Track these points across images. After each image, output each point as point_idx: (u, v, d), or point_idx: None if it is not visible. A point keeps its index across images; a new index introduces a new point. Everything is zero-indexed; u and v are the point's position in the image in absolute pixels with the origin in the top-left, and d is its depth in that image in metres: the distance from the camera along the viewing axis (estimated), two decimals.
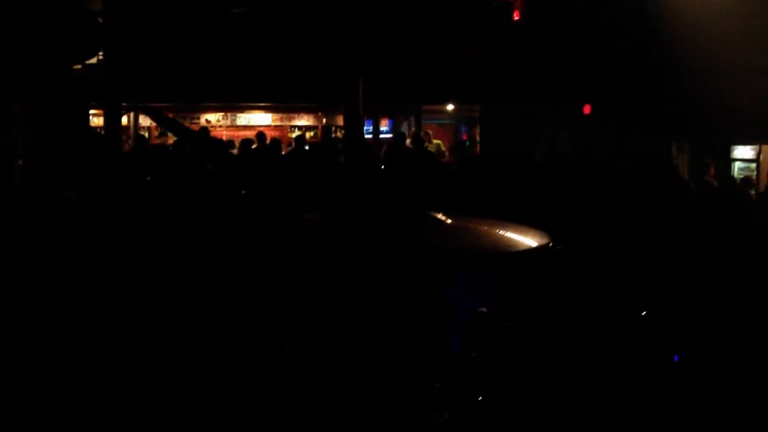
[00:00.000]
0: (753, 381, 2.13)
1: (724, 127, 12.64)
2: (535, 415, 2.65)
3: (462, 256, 2.69)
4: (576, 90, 14.47)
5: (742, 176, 12.66)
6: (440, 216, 2.51)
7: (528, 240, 2.48)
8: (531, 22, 14.31)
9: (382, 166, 9.99)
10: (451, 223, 2.48)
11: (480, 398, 2.68)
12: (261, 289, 4.22)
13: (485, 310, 2.87)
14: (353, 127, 9.09)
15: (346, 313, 3.11)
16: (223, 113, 17.44)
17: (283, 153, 11.88)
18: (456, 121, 19.30)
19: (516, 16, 14.22)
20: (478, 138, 18.34)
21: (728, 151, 13.61)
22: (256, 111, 17.58)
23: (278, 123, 17.82)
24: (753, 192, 11.93)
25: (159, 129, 16.56)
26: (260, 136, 12.80)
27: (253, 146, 12.03)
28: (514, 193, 5.89)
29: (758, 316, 2.27)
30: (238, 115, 17.59)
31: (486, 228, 2.62)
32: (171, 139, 14.51)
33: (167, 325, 4.10)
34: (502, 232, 2.57)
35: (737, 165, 13.53)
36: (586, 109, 15.21)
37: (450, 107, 17.89)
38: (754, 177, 13.06)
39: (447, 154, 15.61)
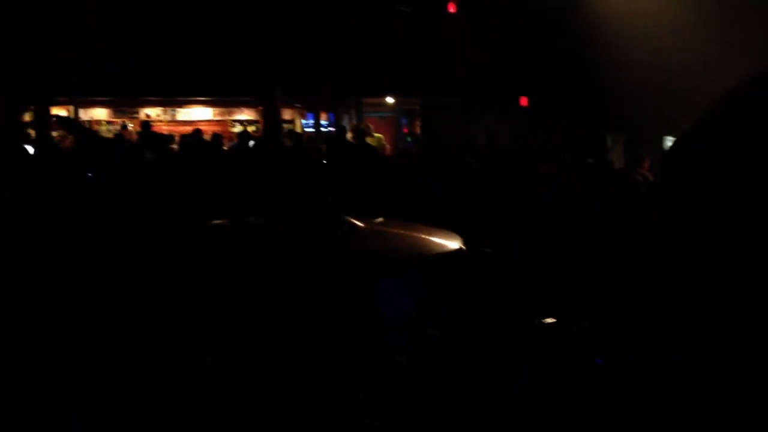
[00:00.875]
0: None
1: (657, 118, 12.98)
2: (466, 420, 2.62)
3: (378, 265, 2.62)
4: (514, 82, 14.73)
5: None
6: (355, 221, 2.44)
7: (445, 245, 2.44)
8: (470, 15, 14.50)
9: (324, 161, 10.06)
10: (365, 227, 2.42)
11: (407, 405, 2.64)
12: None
13: (413, 315, 2.86)
14: (271, 124, 9.04)
15: (253, 323, 3.04)
16: (162, 108, 17.30)
17: (225, 148, 11.85)
18: (397, 114, 19.48)
19: (451, 9, 14.40)
20: (419, 131, 18.56)
21: (661, 143, 13.98)
22: (196, 105, 17.48)
23: (219, 117, 17.73)
24: None
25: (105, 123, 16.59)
26: (196, 133, 12.66)
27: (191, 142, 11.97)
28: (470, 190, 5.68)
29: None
30: (178, 109, 17.47)
31: (402, 232, 2.56)
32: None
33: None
34: (417, 236, 2.51)
35: None
36: (523, 101, 15.51)
37: (390, 100, 18.04)
38: None
39: (388, 147, 15.80)
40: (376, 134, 15.39)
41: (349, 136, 13.21)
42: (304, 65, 13.22)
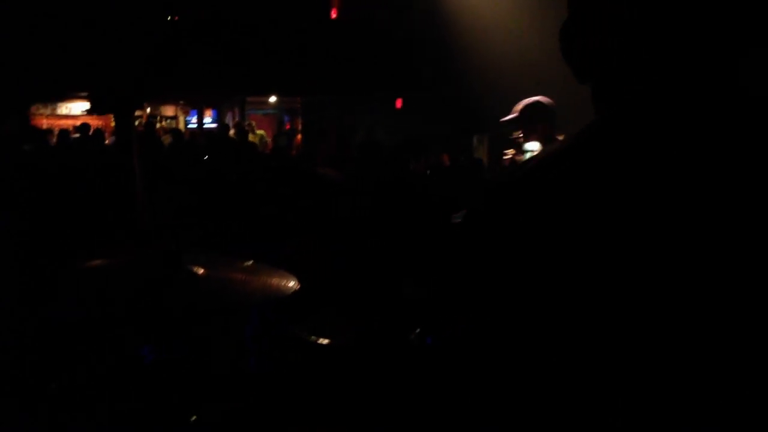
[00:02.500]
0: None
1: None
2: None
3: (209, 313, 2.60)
4: (389, 83, 15.36)
5: None
6: (192, 267, 2.44)
7: (277, 285, 2.45)
8: (348, 17, 14.97)
9: (206, 157, 10.20)
10: (202, 274, 2.39)
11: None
12: None
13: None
14: (121, 123, 8.82)
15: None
16: (42, 101, 17.10)
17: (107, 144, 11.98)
18: (279, 111, 19.90)
19: (334, 15, 14.86)
20: (300, 127, 19.01)
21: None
22: (77, 100, 17.35)
23: None
24: None
25: None
26: (84, 127, 12.69)
27: (74, 136, 12.05)
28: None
29: None
30: (59, 103, 17.31)
31: (234, 277, 2.51)
32: None
33: None
34: (249, 281, 2.49)
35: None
36: (398, 104, 16.16)
37: (273, 99, 18.42)
38: None
39: (270, 142, 16.23)
40: (258, 131, 15.81)
41: (231, 132, 13.62)
42: (187, 62, 13.39)
